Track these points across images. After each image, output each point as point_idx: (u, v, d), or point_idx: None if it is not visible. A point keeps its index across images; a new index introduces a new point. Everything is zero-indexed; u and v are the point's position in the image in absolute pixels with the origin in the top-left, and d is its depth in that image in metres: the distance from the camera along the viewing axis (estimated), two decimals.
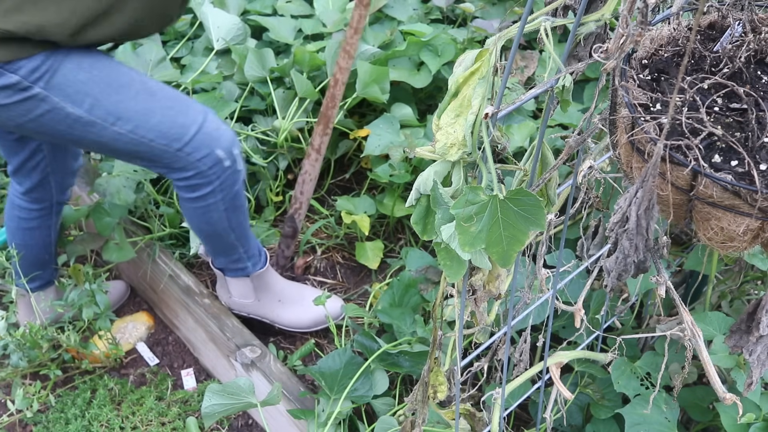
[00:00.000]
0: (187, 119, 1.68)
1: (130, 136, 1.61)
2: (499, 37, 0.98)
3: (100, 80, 1.55)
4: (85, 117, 1.55)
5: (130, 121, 1.59)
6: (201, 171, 1.72)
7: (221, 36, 2.59)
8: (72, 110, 1.53)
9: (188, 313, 2.30)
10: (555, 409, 1.65)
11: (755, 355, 1.04)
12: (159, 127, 1.63)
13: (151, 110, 1.62)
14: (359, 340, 1.93)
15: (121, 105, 1.58)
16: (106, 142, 1.62)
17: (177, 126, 1.66)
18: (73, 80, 1.53)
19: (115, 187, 2.19)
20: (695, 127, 0.94)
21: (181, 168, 1.71)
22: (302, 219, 2.04)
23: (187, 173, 1.72)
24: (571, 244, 1.87)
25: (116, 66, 1.62)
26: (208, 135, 1.70)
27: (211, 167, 1.72)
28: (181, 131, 1.66)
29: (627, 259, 0.99)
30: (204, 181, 1.75)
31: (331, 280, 2.44)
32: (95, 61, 1.57)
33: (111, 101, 1.57)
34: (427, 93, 2.65)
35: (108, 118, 1.57)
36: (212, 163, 1.72)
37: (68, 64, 1.52)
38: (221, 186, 1.77)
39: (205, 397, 1.64)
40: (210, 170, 1.72)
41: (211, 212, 1.83)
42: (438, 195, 1.04)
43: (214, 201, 1.80)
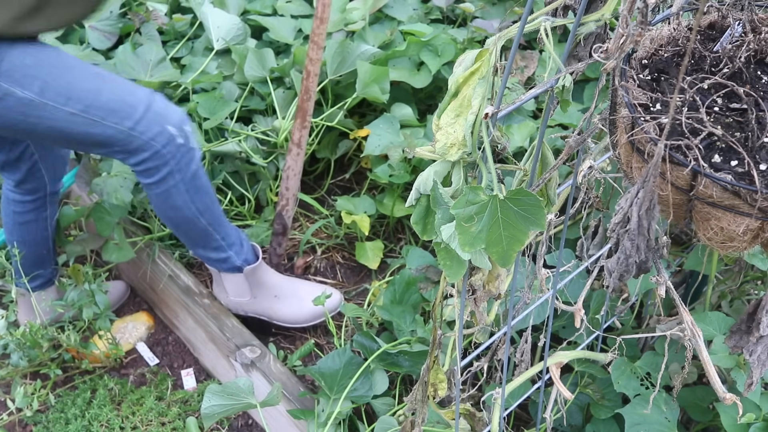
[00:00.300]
0: (135, 98, 1.71)
1: (83, 116, 1.64)
2: (499, 37, 0.98)
3: (47, 63, 1.60)
4: (36, 100, 1.59)
5: (80, 101, 1.63)
6: (156, 151, 1.74)
7: (221, 36, 2.59)
8: (23, 94, 1.58)
9: (188, 313, 2.30)
10: (555, 409, 1.65)
11: (755, 356, 1.04)
12: (109, 105, 1.67)
13: (99, 89, 1.66)
14: (359, 340, 1.93)
15: (70, 85, 1.62)
16: (61, 126, 1.65)
17: (126, 104, 1.69)
18: (20, 65, 1.57)
19: (112, 186, 2.20)
20: (695, 127, 0.94)
21: (136, 149, 1.73)
22: (291, 215, 2.04)
23: (143, 155, 1.74)
24: (571, 244, 1.87)
25: (61, 52, 1.67)
26: (157, 113, 1.73)
27: (165, 145, 1.74)
28: (131, 109, 1.70)
29: (629, 260, 0.99)
30: (160, 162, 1.77)
31: (331, 280, 2.43)
32: (41, 47, 1.62)
33: (60, 82, 1.61)
34: (427, 93, 2.65)
35: (58, 98, 1.61)
36: (165, 141, 1.74)
37: (14, 51, 1.56)
38: (178, 166, 1.79)
39: (204, 398, 1.64)
40: (164, 149, 1.74)
41: (173, 196, 1.84)
42: (438, 195, 1.04)
43: (174, 183, 1.82)
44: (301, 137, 1.87)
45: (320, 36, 1.73)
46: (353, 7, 2.72)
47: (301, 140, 1.88)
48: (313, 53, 1.76)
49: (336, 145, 2.61)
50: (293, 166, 1.91)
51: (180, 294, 2.29)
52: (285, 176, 1.95)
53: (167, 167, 1.79)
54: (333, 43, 2.45)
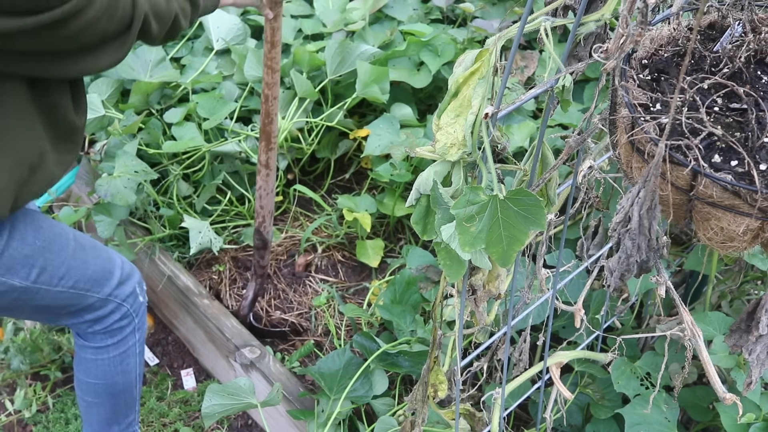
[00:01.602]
0: (112, 263, 1.67)
1: (71, 292, 1.59)
2: (499, 37, 0.98)
3: (43, 249, 1.52)
4: (31, 287, 1.51)
5: (71, 278, 1.58)
6: (125, 312, 1.71)
7: (221, 36, 2.59)
8: (19, 284, 1.49)
9: (188, 313, 2.30)
10: (555, 409, 1.65)
11: (755, 355, 1.04)
12: (94, 276, 1.62)
13: (86, 263, 1.61)
14: (358, 341, 1.93)
15: (63, 266, 1.56)
16: (47, 303, 1.59)
17: (106, 272, 1.65)
18: (20, 256, 1.48)
19: (116, 188, 2.19)
20: (695, 127, 0.94)
21: (109, 312, 1.69)
22: (269, 230, 2.04)
23: (114, 316, 1.70)
24: (571, 244, 1.87)
25: (51, 226, 1.57)
26: (127, 273, 1.70)
27: (132, 305, 1.72)
28: (110, 276, 1.66)
29: (630, 259, 0.99)
30: (126, 322, 1.73)
31: (333, 278, 2.44)
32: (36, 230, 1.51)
33: (55, 265, 1.54)
34: (427, 93, 2.65)
35: (52, 281, 1.54)
36: (133, 301, 1.72)
37: (12, 242, 1.46)
38: (139, 324, 1.76)
39: (205, 398, 1.64)
40: (131, 308, 1.72)
41: (128, 358, 1.78)
42: (438, 195, 1.04)
43: (133, 343, 1.77)
44: (268, 159, 1.85)
45: (273, 60, 1.70)
46: (353, 7, 2.72)
47: (269, 162, 1.86)
48: (268, 77, 1.72)
49: (336, 144, 2.61)
50: (264, 186, 1.90)
51: (179, 294, 2.29)
52: (258, 195, 1.95)
53: (131, 326, 1.74)
54: (333, 43, 2.45)
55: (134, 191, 2.21)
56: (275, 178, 1.93)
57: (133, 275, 1.72)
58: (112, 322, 1.70)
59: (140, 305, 1.75)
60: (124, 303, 1.69)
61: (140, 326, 1.77)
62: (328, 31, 2.65)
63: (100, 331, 1.72)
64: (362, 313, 2.13)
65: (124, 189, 2.19)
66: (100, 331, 1.72)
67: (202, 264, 2.46)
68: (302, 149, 2.52)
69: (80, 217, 2.29)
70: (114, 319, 1.70)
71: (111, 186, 2.19)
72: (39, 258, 1.51)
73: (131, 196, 2.19)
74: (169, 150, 2.31)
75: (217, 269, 2.42)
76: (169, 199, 2.41)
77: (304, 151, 2.52)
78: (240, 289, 2.39)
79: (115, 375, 1.79)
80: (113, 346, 1.75)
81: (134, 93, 2.40)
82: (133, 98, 2.41)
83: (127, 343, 1.76)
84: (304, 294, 2.39)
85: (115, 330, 1.72)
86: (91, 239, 1.68)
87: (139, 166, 2.24)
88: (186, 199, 2.44)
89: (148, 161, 2.39)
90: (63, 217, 2.30)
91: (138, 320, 1.76)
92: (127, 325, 1.73)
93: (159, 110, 2.48)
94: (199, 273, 2.44)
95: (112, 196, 2.18)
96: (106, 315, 1.69)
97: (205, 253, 2.46)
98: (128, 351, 1.77)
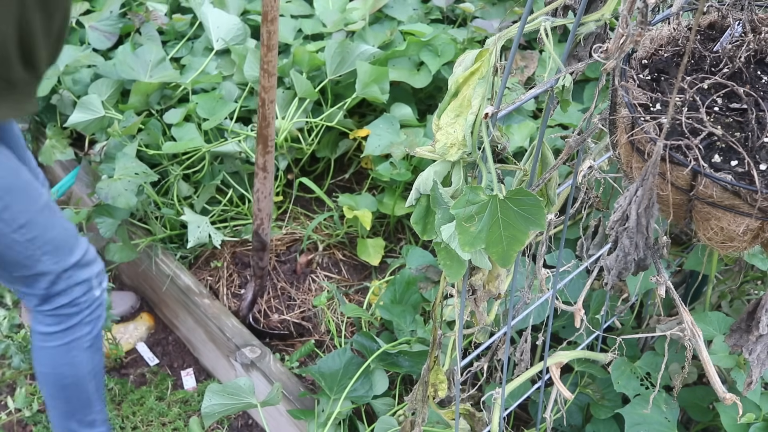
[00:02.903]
0: (76, 241, 1.66)
1: (26, 245, 1.57)
2: (499, 37, 0.98)
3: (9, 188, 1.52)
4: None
5: (30, 231, 1.56)
6: (74, 298, 1.68)
7: (221, 36, 2.59)
8: None
9: (188, 313, 2.30)
10: (555, 409, 1.65)
11: (755, 354, 1.04)
12: (54, 242, 1.61)
13: (51, 224, 1.60)
14: (359, 340, 1.93)
15: (25, 214, 1.55)
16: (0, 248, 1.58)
17: (68, 246, 1.64)
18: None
19: (116, 191, 2.19)
20: (695, 127, 0.94)
21: (57, 293, 1.67)
22: (267, 232, 2.04)
23: (61, 300, 1.68)
24: (571, 244, 1.87)
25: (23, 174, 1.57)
26: (88, 260, 1.68)
27: (83, 294, 1.69)
28: (70, 253, 1.64)
29: (627, 257, 0.99)
30: (73, 311, 1.70)
31: (336, 275, 2.44)
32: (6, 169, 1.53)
33: (17, 209, 1.53)
34: (427, 93, 2.65)
35: (11, 224, 1.53)
36: (85, 290, 1.69)
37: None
38: (88, 317, 1.73)
39: (205, 397, 1.64)
40: (82, 298, 1.69)
41: (74, 350, 1.75)
42: (438, 195, 1.04)
43: (80, 335, 1.74)
44: (266, 162, 1.85)
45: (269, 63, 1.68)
46: (353, 7, 2.72)
47: (266, 165, 1.86)
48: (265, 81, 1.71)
49: (336, 144, 2.61)
50: (262, 189, 1.90)
51: (180, 294, 2.29)
52: (256, 198, 1.95)
53: (78, 317, 1.71)
54: (333, 43, 2.45)
55: (135, 193, 2.21)
56: (273, 180, 1.93)
57: (94, 265, 1.70)
58: (60, 305, 1.68)
59: (94, 299, 1.72)
60: (75, 288, 1.67)
61: (91, 320, 1.74)
62: (328, 31, 2.65)
63: (47, 313, 1.69)
64: (362, 313, 2.13)
65: (124, 191, 2.19)
66: (48, 313, 1.69)
67: (202, 264, 2.46)
68: (302, 149, 2.52)
69: (81, 219, 2.29)
70: (62, 303, 1.67)
71: (111, 189, 2.19)
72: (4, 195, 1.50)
73: (132, 199, 2.19)
74: (169, 151, 2.31)
75: (216, 265, 2.42)
76: (169, 199, 2.41)
77: (304, 151, 2.52)
78: (238, 288, 2.39)
79: (62, 366, 1.76)
80: (59, 334, 1.72)
81: (134, 93, 2.40)
82: (132, 99, 2.41)
83: (74, 334, 1.73)
84: (308, 291, 2.39)
85: (62, 316, 1.70)
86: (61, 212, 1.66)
87: (139, 168, 2.24)
88: (186, 200, 2.44)
89: (148, 162, 2.39)
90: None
91: (89, 314, 1.72)
92: (75, 314, 1.71)
93: (159, 111, 2.48)
94: (199, 272, 2.44)
95: (113, 199, 2.18)
96: (56, 294, 1.66)
97: (205, 250, 2.46)
98: (75, 343, 1.74)
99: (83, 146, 2.58)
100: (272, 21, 1.63)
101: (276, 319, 2.33)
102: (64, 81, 2.50)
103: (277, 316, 2.33)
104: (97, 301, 1.73)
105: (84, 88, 2.49)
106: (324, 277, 2.42)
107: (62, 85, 2.51)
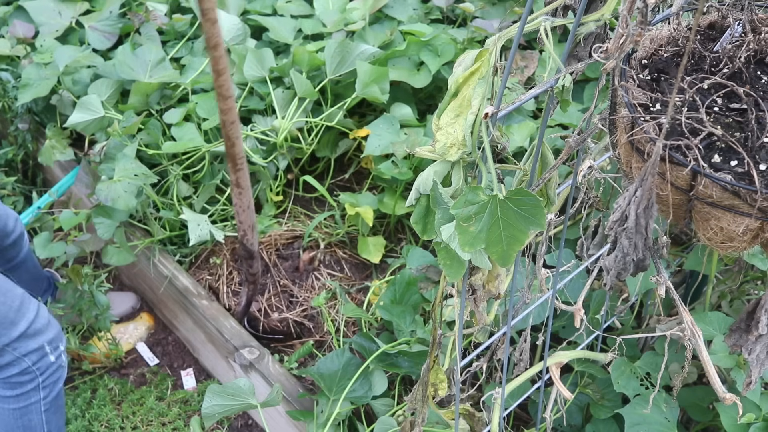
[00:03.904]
0: (20, 314, 1.63)
1: None
2: (499, 37, 0.98)
3: None
4: None
5: None
6: (25, 368, 1.66)
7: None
8: None
9: (187, 314, 2.30)
10: (555, 409, 1.65)
11: (754, 354, 1.04)
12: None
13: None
14: (358, 341, 1.93)
15: None
16: None
17: (8, 321, 1.60)
18: None
19: (116, 193, 2.19)
20: (695, 127, 0.94)
21: (5, 365, 1.65)
22: (253, 242, 2.05)
23: (11, 370, 1.65)
24: (571, 244, 1.87)
25: None
26: (37, 329, 1.65)
27: (36, 362, 1.67)
28: (12, 327, 1.61)
29: (626, 258, 0.99)
30: (26, 378, 1.68)
31: (339, 273, 2.44)
32: None
33: None
34: (427, 93, 2.65)
35: None
36: (37, 358, 1.67)
37: None
38: (44, 382, 1.71)
39: (205, 398, 1.64)
40: (35, 365, 1.67)
41: (29, 414, 1.72)
42: (438, 195, 1.04)
43: (36, 400, 1.72)
44: (238, 179, 1.87)
45: (221, 87, 1.70)
46: (353, 7, 2.72)
47: (239, 181, 1.88)
48: (222, 104, 1.73)
49: (336, 143, 2.61)
50: (239, 203, 1.93)
51: (179, 295, 2.29)
52: (236, 212, 1.97)
53: (32, 383, 1.69)
54: (333, 43, 2.45)
55: (134, 195, 2.20)
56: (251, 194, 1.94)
57: (45, 333, 1.66)
58: (11, 374, 1.65)
59: (49, 365, 1.68)
60: (24, 358, 1.64)
61: (48, 385, 1.71)
62: (328, 31, 2.65)
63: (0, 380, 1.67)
64: (362, 313, 2.13)
65: (124, 193, 2.19)
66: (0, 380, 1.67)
67: (202, 264, 2.46)
68: (302, 149, 2.52)
69: (80, 221, 2.29)
70: (12, 372, 1.65)
71: (111, 191, 2.19)
72: None
73: (132, 201, 2.19)
74: (168, 150, 2.31)
75: (215, 261, 2.42)
76: (169, 200, 2.41)
77: (304, 150, 2.52)
78: (238, 285, 2.39)
79: (16, 428, 1.73)
80: (13, 399, 1.69)
81: (134, 94, 2.40)
82: (132, 99, 2.41)
83: (28, 399, 1.70)
84: (310, 289, 2.39)
85: (15, 384, 1.67)
86: (10, 286, 1.62)
87: (139, 170, 2.24)
88: (186, 200, 2.44)
89: (148, 162, 2.40)
90: (63, 220, 2.30)
91: (44, 379, 1.69)
92: (29, 382, 1.68)
93: (158, 111, 2.48)
94: (199, 272, 2.44)
95: (112, 201, 2.17)
96: (4, 366, 1.64)
97: (204, 249, 2.46)
98: (29, 408, 1.71)
99: (83, 146, 2.58)
100: (215, 47, 1.64)
101: (276, 318, 2.33)
102: (64, 81, 2.50)
103: (277, 315, 2.33)
104: (53, 366, 1.70)
105: (84, 89, 2.49)
106: (327, 275, 2.42)
107: (62, 86, 2.51)
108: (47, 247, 2.36)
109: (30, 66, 2.50)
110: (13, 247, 2.04)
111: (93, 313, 2.23)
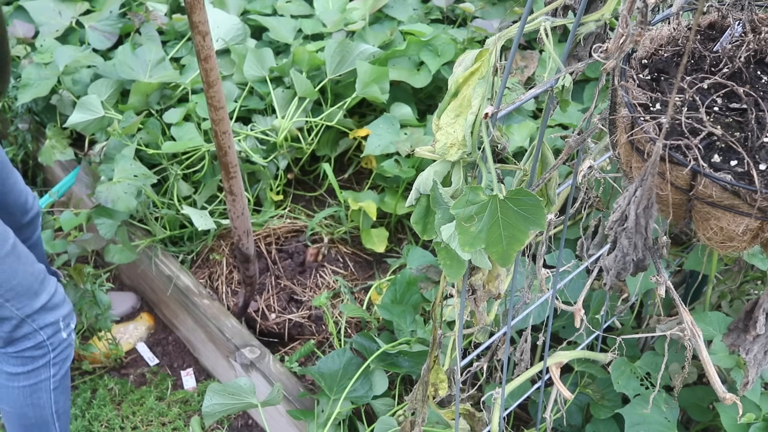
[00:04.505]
0: (41, 286, 1.64)
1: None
2: (499, 37, 0.98)
3: None
4: None
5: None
6: (40, 341, 1.67)
7: (221, 36, 2.59)
8: None
9: (188, 313, 2.30)
10: (555, 409, 1.65)
11: (752, 354, 1.04)
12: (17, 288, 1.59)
13: (15, 271, 1.58)
14: (358, 341, 1.93)
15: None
16: None
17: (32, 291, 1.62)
18: None
19: (116, 194, 2.19)
20: (695, 126, 0.94)
21: (22, 336, 1.65)
22: (248, 246, 2.06)
23: (26, 343, 1.66)
24: (571, 244, 1.87)
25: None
26: (55, 303, 1.67)
27: (50, 337, 1.67)
28: (35, 297, 1.62)
29: (626, 258, 0.99)
30: (39, 353, 1.68)
31: (343, 271, 2.44)
32: None
33: None
34: (427, 93, 2.65)
35: None
36: (52, 333, 1.67)
37: None
38: (55, 359, 1.71)
39: (206, 397, 1.64)
40: (48, 340, 1.67)
41: (39, 392, 1.73)
42: (438, 195, 1.04)
43: (46, 377, 1.72)
44: (231, 186, 1.88)
45: (213, 98, 1.71)
46: (353, 7, 2.72)
47: (232, 189, 1.89)
48: (213, 114, 1.74)
49: (336, 143, 2.61)
50: (233, 209, 1.94)
51: (180, 294, 2.29)
52: (230, 218, 1.99)
53: (44, 359, 1.70)
54: (333, 42, 2.45)
55: (134, 196, 2.20)
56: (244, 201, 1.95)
57: (61, 308, 1.68)
58: (25, 348, 1.66)
59: (61, 341, 1.69)
60: (41, 331, 1.65)
61: (58, 362, 1.72)
62: (328, 31, 2.66)
63: (12, 354, 1.68)
64: (362, 313, 2.13)
65: (124, 194, 2.19)
66: (12, 355, 1.68)
67: (203, 264, 2.46)
68: (302, 149, 2.52)
69: (81, 221, 2.29)
70: (27, 346, 1.66)
71: (111, 192, 2.19)
72: None
73: (132, 202, 2.19)
74: (168, 150, 2.31)
75: (215, 258, 2.42)
76: (169, 199, 2.42)
77: (304, 150, 2.52)
78: (238, 284, 2.39)
79: (25, 406, 1.74)
80: (24, 376, 1.70)
81: (134, 93, 2.41)
82: (132, 99, 2.41)
83: (39, 376, 1.71)
84: (315, 288, 2.39)
85: (27, 358, 1.68)
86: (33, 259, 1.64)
87: (139, 170, 2.24)
88: (186, 200, 2.44)
89: (148, 162, 2.40)
90: (63, 221, 2.30)
91: (55, 355, 1.70)
92: (41, 357, 1.69)
93: (158, 111, 2.48)
94: (199, 271, 2.44)
95: (112, 202, 2.17)
96: (20, 338, 1.65)
97: (204, 248, 2.46)
98: (40, 384, 1.72)
99: (83, 146, 2.58)
100: (206, 59, 1.65)
101: (274, 320, 2.32)
102: (64, 81, 2.50)
103: (275, 317, 2.33)
104: (64, 343, 1.71)
105: (84, 88, 2.49)
106: (332, 272, 2.42)
107: (62, 86, 2.51)
108: (50, 244, 2.37)
109: (30, 66, 2.50)
110: (30, 225, 2.05)
111: (94, 312, 2.23)
